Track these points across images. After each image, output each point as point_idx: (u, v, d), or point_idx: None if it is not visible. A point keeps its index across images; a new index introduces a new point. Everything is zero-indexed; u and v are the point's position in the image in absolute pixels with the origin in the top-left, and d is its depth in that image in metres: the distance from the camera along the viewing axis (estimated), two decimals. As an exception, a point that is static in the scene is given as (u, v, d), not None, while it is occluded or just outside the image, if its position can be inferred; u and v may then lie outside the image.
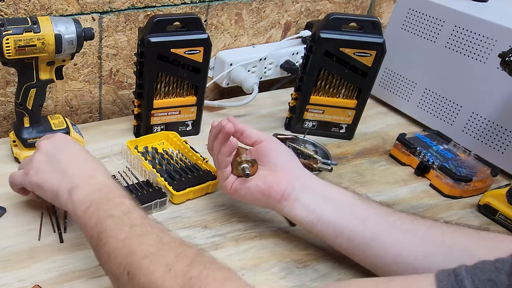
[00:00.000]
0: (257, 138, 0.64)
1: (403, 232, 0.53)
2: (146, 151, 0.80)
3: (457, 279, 0.31)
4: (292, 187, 0.60)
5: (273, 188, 0.60)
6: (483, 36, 0.81)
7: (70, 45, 0.70)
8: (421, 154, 0.82)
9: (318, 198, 0.59)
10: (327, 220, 0.57)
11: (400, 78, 0.98)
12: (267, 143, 0.64)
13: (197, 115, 0.88)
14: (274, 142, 0.64)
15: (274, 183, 0.60)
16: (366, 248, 0.55)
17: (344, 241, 0.57)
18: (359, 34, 0.82)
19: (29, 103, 0.74)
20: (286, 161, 0.63)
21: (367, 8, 1.20)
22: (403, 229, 0.54)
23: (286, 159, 0.63)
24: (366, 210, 0.57)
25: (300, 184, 0.60)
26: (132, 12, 0.90)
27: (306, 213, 0.58)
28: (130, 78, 0.98)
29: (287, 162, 0.62)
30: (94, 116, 1.00)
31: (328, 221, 0.57)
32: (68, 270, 0.59)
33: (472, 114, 0.86)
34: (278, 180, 0.60)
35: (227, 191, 0.65)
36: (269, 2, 1.05)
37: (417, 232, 0.53)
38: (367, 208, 0.57)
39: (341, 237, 0.57)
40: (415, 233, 0.53)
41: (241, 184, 0.63)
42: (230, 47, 1.07)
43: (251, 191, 0.62)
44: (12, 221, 0.67)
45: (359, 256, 0.57)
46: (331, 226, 0.57)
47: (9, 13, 0.80)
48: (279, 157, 0.63)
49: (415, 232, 0.53)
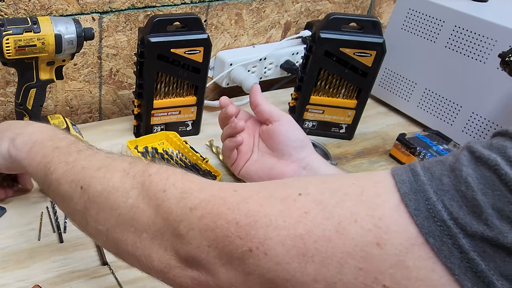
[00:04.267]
0: (268, 117, 0.62)
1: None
2: (146, 151, 0.80)
3: (410, 164, 0.32)
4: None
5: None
6: (483, 36, 0.81)
7: (70, 45, 0.70)
8: (421, 154, 0.82)
9: None
10: None
11: (400, 78, 0.98)
12: (277, 126, 0.61)
13: (197, 115, 0.88)
14: (285, 125, 0.61)
15: (278, 176, 0.59)
16: None
17: None
18: (359, 34, 0.81)
19: (29, 103, 0.74)
20: (294, 149, 0.60)
21: (367, 8, 1.20)
22: None
23: (295, 147, 0.60)
24: None
25: (306, 175, 0.58)
26: (132, 12, 0.90)
27: None
28: (130, 78, 0.98)
29: (295, 150, 0.60)
30: (94, 116, 1.00)
31: None
32: (68, 270, 0.59)
33: (472, 114, 0.86)
34: (284, 171, 0.59)
35: (236, 175, 0.66)
36: (269, 2, 1.05)
37: None
38: None
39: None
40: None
41: (247, 173, 0.63)
42: (230, 47, 1.07)
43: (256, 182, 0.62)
44: (12, 221, 0.67)
45: None
46: None
47: (9, 13, 0.80)
48: (288, 144, 0.60)
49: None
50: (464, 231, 0.27)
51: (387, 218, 0.29)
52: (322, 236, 0.30)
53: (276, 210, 0.33)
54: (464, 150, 0.30)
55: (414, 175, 0.30)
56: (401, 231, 0.29)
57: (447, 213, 0.28)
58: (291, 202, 0.33)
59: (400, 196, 0.30)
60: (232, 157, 0.64)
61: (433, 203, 0.28)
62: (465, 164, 0.29)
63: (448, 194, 0.28)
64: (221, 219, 0.34)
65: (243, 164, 0.64)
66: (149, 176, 0.40)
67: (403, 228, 0.29)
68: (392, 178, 0.31)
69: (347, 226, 0.30)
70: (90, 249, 0.63)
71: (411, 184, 0.30)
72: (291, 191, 0.34)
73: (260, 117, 0.63)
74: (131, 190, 0.40)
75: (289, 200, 0.33)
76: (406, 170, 0.31)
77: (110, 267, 0.60)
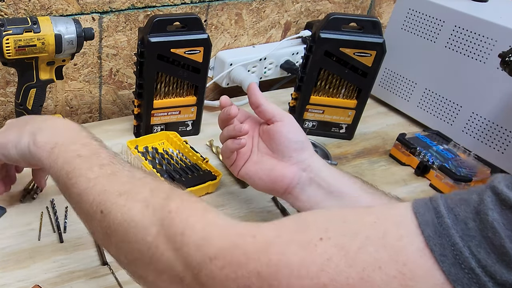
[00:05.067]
0: (271, 117, 0.61)
1: None
2: (146, 151, 0.80)
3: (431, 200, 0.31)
4: (297, 181, 0.58)
5: (276, 183, 0.59)
6: (483, 36, 0.81)
7: (70, 45, 0.70)
8: (421, 154, 0.82)
9: (323, 191, 0.57)
10: None
11: (400, 78, 0.98)
12: (279, 127, 0.60)
13: (197, 115, 0.88)
14: (287, 126, 0.60)
15: (278, 177, 0.59)
16: None
17: None
18: (359, 34, 0.81)
19: (29, 103, 0.74)
20: (295, 151, 0.59)
21: (367, 8, 1.20)
22: None
23: (296, 149, 0.59)
24: (369, 203, 0.54)
25: (306, 177, 0.58)
26: (132, 12, 0.90)
27: (309, 206, 0.57)
28: (130, 78, 0.98)
29: (296, 152, 0.59)
30: (94, 116, 1.00)
31: None
32: (68, 270, 0.59)
33: (472, 114, 0.86)
34: (284, 173, 0.58)
35: (235, 175, 0.65)
36: (269, 2, 1.05)
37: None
38: (373, 201, 0.55)
39: None
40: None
41: (247, 174, 0.62)
42: (230, 47, 1.07)
43: (255, 182, 0.62)
44: (12, 221, 0.67)
45: None
46: None
47: (9, 13, 0.80)
48: (288, 146, 0.59)
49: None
50: (493, 280, 0.26)
51: (411, 263, 0.29)
52: (346, 285, 0.30)
53: (297, 258, 0.32)
54: (488, 190, 0.29)
55: (438, 216, 0.29)
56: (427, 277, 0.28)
57: (475, 261, 0.27)
58: (312, 248, 0.32)
59: (424, 240, 0.29)
60: (231, 158, 0.64)
61: (459, 249, 0.28)
62: (491, 207, 0.28)
63: (475, 240, 0.27)
64: (242, 269, 0.33)
65: (242, 164, 0.63)
66: (169, 213, 0.39)
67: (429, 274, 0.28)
68: (414, 217, 0.30)
69: (372, 273, 0.29)
70: (90, 249, 0.63)
71: (435, 226, 0.29)
72: (311, 234, 0.33)
73: (262, 117, 0.62)
74: (150, 226, 0.39)
75: (310, 246, 0.32)
76: (428, 208, 0.30)
77: (110, 267, 0.60)
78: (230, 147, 0.62)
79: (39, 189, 0.71)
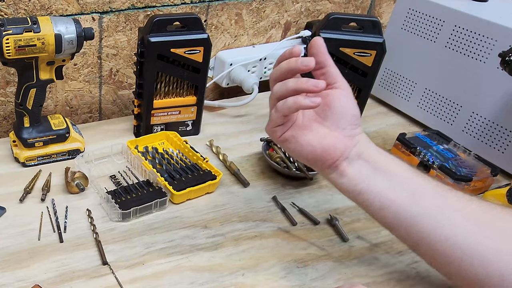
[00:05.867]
0: (333, 82, 0.56)
1: (456, 212, 0.51)
2: (146, 151, 0.80)
3: None
4: (347, 155, 0.55)
5: (328, 153, 0.55)
6: (483, 36, 0.81)
7: (70, 45, 0.70)
8: (421, 154, 0.82)
9: (370, 168, 0.55)
10: (375, 191, 0.54)
11: (400, 78, 0.98)
12: (338, 94, 0.55)
13: (197, 115, 0.88)
14: (347, 96, 0.56)
15: (330, 148, 0.55)
16: (413, 223, 0.52)
17: (389, 215, 0.53)
18: (359, 34, 0.81)
19: (29, 103, 0.74)
20: (350, 124, 0.55)
21: (367, 8, 1.20)
22: (457, 208, 0.51)
23: (352, 122, 0.56)
24: (418, 185, 0.53)
25: (355, 152, 0.55)
26: (132, 12, 0.90)
27: (355, 182, 0.55)
28: (130, 78, 0.98)
29: (351, 126, 0.55)
30: (94, 116, 1.00)
31: (376, 192, 0.54)
32: (68, 270, 0.59)
33: (472, 114, 0.86)
34: (336, 145, 0.54)
35: (275, 138, 0.57)
36: (269, 2, 1.05)
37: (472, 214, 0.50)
38: (421, 182, 0.53)
39: (387, 210, 0.53)
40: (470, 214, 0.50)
41: (293, 137, 0.56)
42: (230, 47, 1.07)
43: (303, 149, 0.56)
44: (12, 221, 0.67)
45: (401, 231, 0.54)
46: (377, 198, 0.54)
47: (9, 13, 0.80)
48: (345, 117, 0.55)
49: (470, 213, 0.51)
50: None
51: None
52: None
53: None
54: None
55: None
56: None
57: None
58: None
59: None
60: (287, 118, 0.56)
61: None
62: None
63: None
64: None
65: (289, 126, 0.56)
66: None
67: None
68: None
69: None
70: (90, 249, 0.63)
71: None
72: None
73: (323, 79, 0.56)
74: None
75: None
76: None
77: (110, 267, 0.60)
78: (301, 103, 0.52)
79: (46, 190, 0.71)
